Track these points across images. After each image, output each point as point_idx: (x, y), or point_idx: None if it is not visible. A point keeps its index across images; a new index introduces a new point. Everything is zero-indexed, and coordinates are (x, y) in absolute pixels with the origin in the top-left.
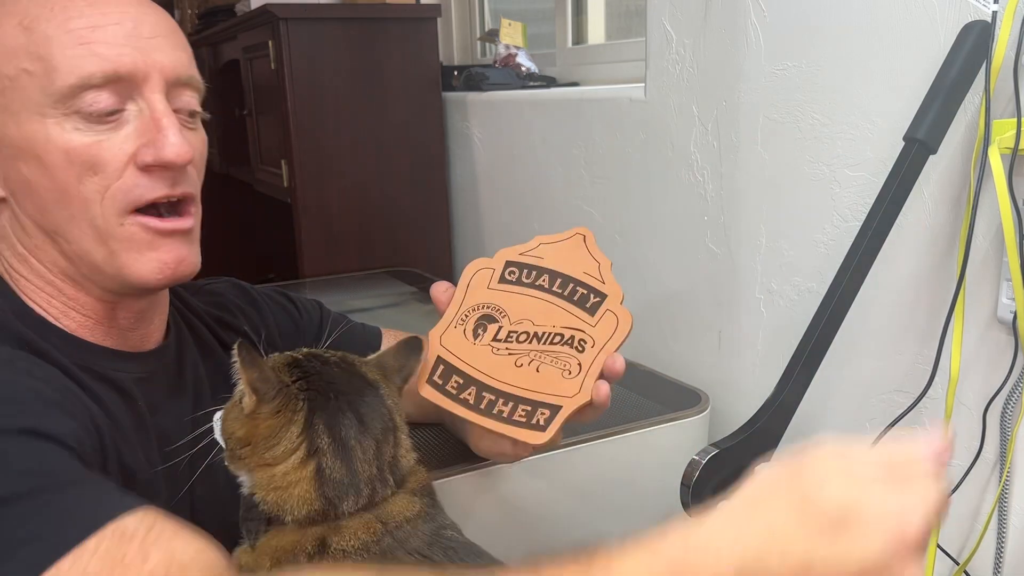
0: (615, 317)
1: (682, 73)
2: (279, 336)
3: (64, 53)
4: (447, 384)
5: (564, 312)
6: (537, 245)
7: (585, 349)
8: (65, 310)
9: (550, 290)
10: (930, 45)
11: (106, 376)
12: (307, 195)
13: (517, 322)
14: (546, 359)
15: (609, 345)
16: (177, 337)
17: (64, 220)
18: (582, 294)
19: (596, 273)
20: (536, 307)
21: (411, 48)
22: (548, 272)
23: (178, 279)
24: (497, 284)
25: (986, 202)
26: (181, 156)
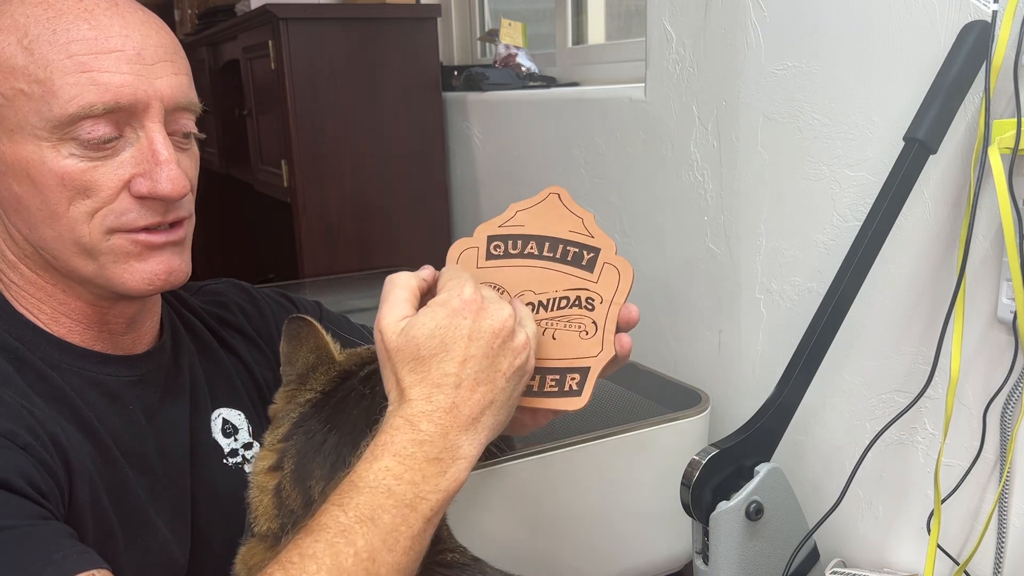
0: (615, 268)
1: (682, 73)
2: (278, 334)
3: (65, 80)
4: None
5: (562, 275)
6: (514, 214)
7: (595, 306)
8: (55, 315)
9: (541, 256)
10: (930, 45)
11: (96, 381)
12: (307, 195)
13: (518, 296)
14: (559, 325)
15: (617, 297)
16: (172, 338)
17: (51, 238)
18: (575, 253)
19: (582, 229)
20: (532, 276)
21: (411, 48)
22: (534, 238)
23: (169, 288)
24: (485, 262)
25: (986, 202)
26: (177, 191)
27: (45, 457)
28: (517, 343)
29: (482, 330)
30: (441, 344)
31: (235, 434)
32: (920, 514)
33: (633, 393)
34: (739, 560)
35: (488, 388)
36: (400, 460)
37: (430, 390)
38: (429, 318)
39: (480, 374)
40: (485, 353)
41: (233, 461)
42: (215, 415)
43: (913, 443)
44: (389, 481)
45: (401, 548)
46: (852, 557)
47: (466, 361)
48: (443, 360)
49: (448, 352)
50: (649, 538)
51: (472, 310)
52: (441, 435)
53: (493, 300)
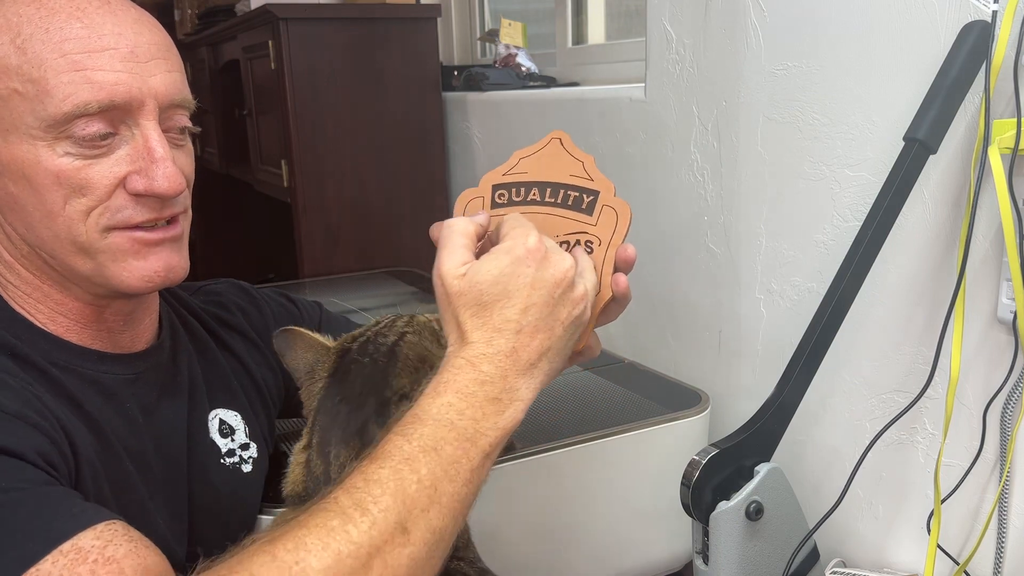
0: (613, 210)
1: (682, 73)
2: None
3: (58, 79)
4: None
5: (563, 219)
6: (517, 161)
7: (594, 249)
8: (52, 315)
9: (543, 202)
10: (930, 45)
11: (93, 379)
12: (307, 195)
13: None
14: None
15: (615, 239)
16: (171, 337)
17: (48, 238)
18: (575, 197)
19: (582, 172)
20: (536, 222)
21: (411, 48)
22: (536, 185)
23: (167, 285)
24: (490, 211)
25: (986, 202)
26: (174, 188)
27: (55, 437)
28: (576, 294)
29: (544, 279)
30: (504, 291)
31: (232, 435)
32: (920, 514)
33: (633, 393)
34: (739, 560)
35: (547, 335)
36: (462, 397)
37: (491, 334)
38: (494, 264)
39: (540, 321)
40: (546, 301)
41: (230, 461)
42: (212, 415)
43: (913, 443)
44: (452, 415)
45: (462, 479)
46: (852, 557)
47: (528, 308)
48: (505, 306)
49: (511, 299)
50: (649, 538)
51: (536, 259)
52: (501, 376)
53: (555, 250)
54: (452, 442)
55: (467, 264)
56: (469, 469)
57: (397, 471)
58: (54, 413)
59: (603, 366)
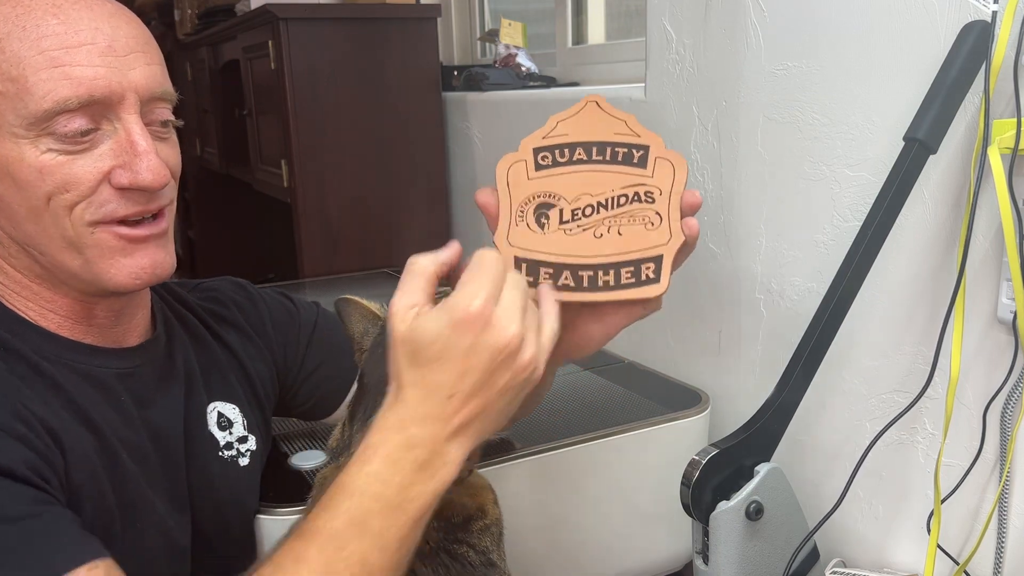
0: (668, 162)
1: (682, 73)
2: (273, 332)
3: (37, 76)
4: (538, 279)
5: (616, 175)
6: (555, 124)
7: (655, 199)
8: (43, 312)
9: (591, 160)
10: (930, 45)
11: (86, 372)
12: (307, 195)
13: (575, 200)
14: (623, 221)
15: (676, 187)
16: (166, 331)
17: (36, 234)
18: (624, 153)
19: (626, 130)
20: (586, 180)
21: (411, 48)
22: (580, 145)
23: (155, 281)
24: (535, 173)
25: (986, 202)
26: (158, 180)
27: (41, 447)
28: (521, 361)
29: (484, 346)
30: (440, 352)
31: (230, 428)
32: (920, 514)
33: (633, 393)
34: (739, 560)
35: (481, 401)
36: (389, 464)
37: (424, 394)
38: (434, 322)
39: (475, 388)
40: (484, 368)
41: (228, 455)
42: (211, 408)
43: (913, 443)
44: (377, 486)
45: (391, 548)
46: (852, 557)
47: (463, 375)
48: (440, 369)
49: (446, 363)
50: (649, 538)
51: (478, 325)
52: (431, 440)
53: (505, 313)
54: (379, 514)
55: (415, 308)
56: (398, 538)
57: (323, 550)
58: (41, 417)
59: (603, 366)
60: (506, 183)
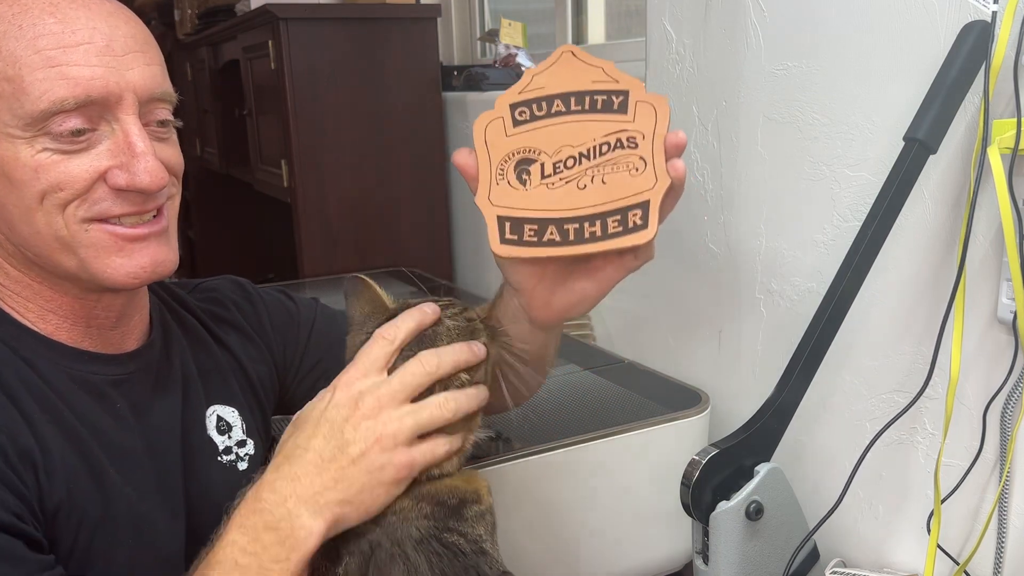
0: (649, 105)
1: (682, 73)
2: (272, 332)
3: (34, 76)
4: (523, 236)
5: (596, 123)
6: (531, 78)
7: (639, 143)
8: (42, 313)
9: (570, 111)
10: (930, 45)
11: (82, 379)
12: (307, 195)
13: (556, 152)
14: (606, 169)
15: (659, 129)
16: (163, 334)
17: (30, 235)
18: (604, 100)
19: (603, 76)
20: (566, 131)
21: (411, 48)
22: (558, 96)
23: (157, 279)
24: (514, 129)
25: (986, 202)
26: (155, 183)
27: (12, 479)
28: (374, 432)
29: (333, 406)
30: (310, 419)
31: (229, 432)
32: (920, 514)
33: (633, 393)
34: (739, 560)
35: (336, 466)
36: (243, 531)
37: (281, 460)
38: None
39: (330, 451)
40: (338, 431)
41: (227, 459)
42: (209, 412)
43: (913, 443)
44: (235, 554)
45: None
46: (852, 557)
47: (324, 436)
48: (303, 433)
49: (303, 425)
50: (649, 538)
51: (332, 390)
52: (280, 503)
53: (366, 387)
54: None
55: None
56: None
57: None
58: (15, 437)
59: (603, 366)
60: (484, 142)
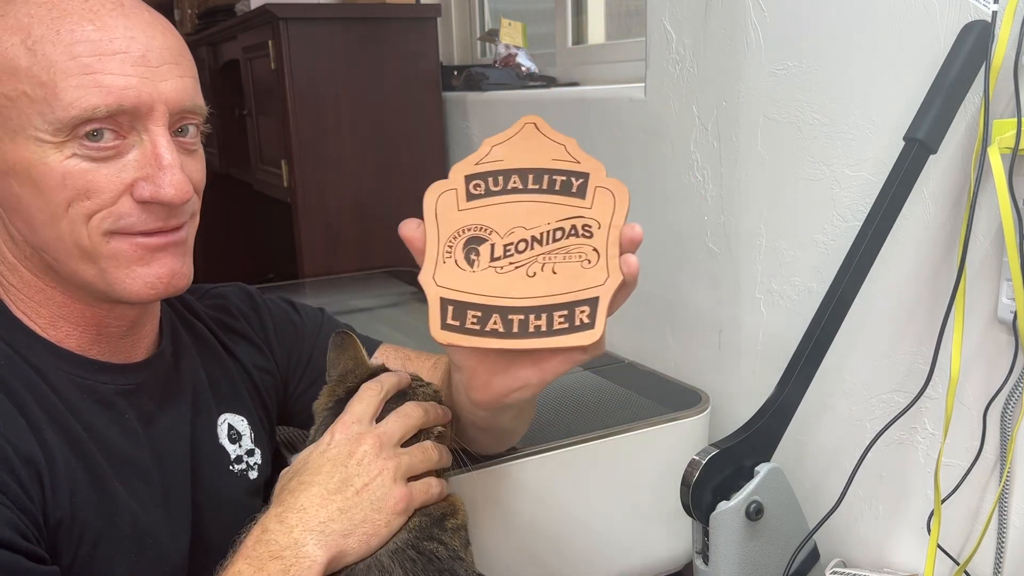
0: (608, 191)
1: (682, 73)
2: (277, 343)
3: (68, 82)
4: (465, 322)
5: (553, 205)
6: (490, 149)
7: (594, 233)
8: (54, 319)
9: (526, 189)
10: (930, 45)
11: (91, 388)
12: (307, 195)
13: (508, 233)
14: (557, 258)
15: (616, 219)
16: (173, 343)
17: (52, 240)
18: (563, 181)
19: (565, 155)
20: (520, 211)
21: (411, 48)
22: (516, 172)
23: (171, 293)
24: (467, 203)
25: (986, 202)
26: (180, 196)
27: (16, 491)
28: (376, 468)
29: (338, 444)
30: (310, 460)
31: (239, 440)
32: (920, 514)
33: (633, 393)
34: (739, 560)
35: (341, 497)
36: (249, 561)
37: (286, 495)
38: (311, 449)
39: (335, 484)
40: (342, 466)
41: (238, 468)
42: (220, 420)
43: (913, 443)
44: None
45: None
46: (852, 557)
47: (329, 472)
48: (306, 471)
49: (311, 466)
50: (649, 538)
51: (338, 430)
52: (286, 532)
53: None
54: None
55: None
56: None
57: None
58: (20, 449)
59: (603, 366)
60: (434, 214)
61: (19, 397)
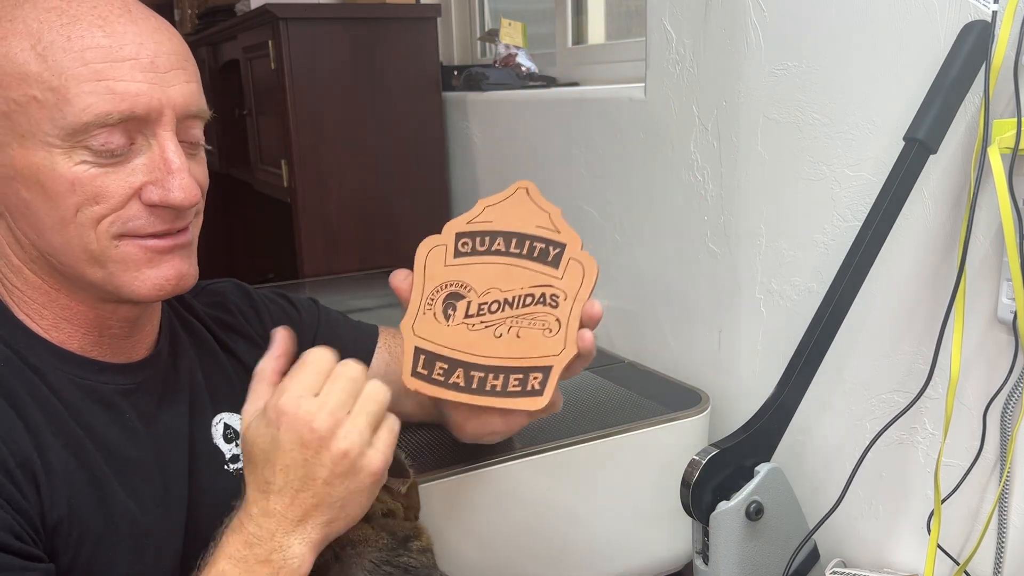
0: (579, 264)
1: (682, 73)
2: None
3: (80, 88)
4: (432, 373)
5: (528, 271)
6: (483, 210)
7: (559, 304)
8: (57, 321)
9: (508, 252)
10: (930, 45)
11: (92, 389)
12: (307, 195)
13: (484, 293)
14: (524, 323)
15: (581, 293)
16: (171, 343)
17: (60, 245)
18: (541, 249)
19: (549, 224)
20: (499, 273)
21: (411, 48)
22: (501, 234)
23: (178, 293)
24: (453, 260)
25: (986, 202)
26: (189, 200)
27: (14, 493)
28: (335, 452)
29: (290, 440)
30: (263, 450)
31: (236, 439)
32: (920, 514)
33: (633, 393)
34: (739, 560)
35: (311, 494)
36: (235, 563)
37: (257, 493)
38: (255, 424)
39: (300, 481)
40: (299, 461)
41: (235, 467)
42: (216, 420)
43: (913, 443)
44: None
45: None
46: (852, 557)
47: (284, 469)
48: (264, 466)
49: (268, 460)
50: (649, 538)
51: (284, 421)
52: (268, 537)
53: (314, 406)
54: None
55: (255, 411)
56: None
57: None
58: (16, 449)
59: (603, 366)
60: (423, 267)
61: (18, 399)
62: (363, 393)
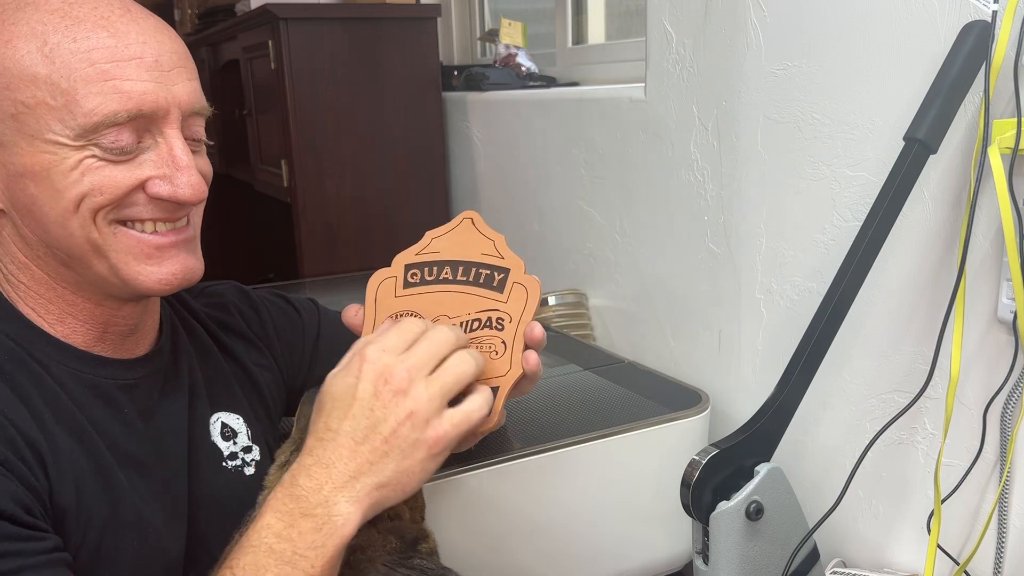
0: (523, 287)
1: (682, 73)
2: (277, 340)
3: (88, 89)
4: None
5: (475, 297)
6: (430, 241)
7: (504, 326)
8: (62, 316)
9: (455, 280)
10: (930, 45)
11: (93, 383)
12: (307, 195)
13: (434, 320)
14: (471, 346)
15: (524, 316)
16: (172, 341)
17: (64, 237)
18: (486, 275)
19: (493, 251)
20: (447, 301)
21: (411, 48)
22: (448, 264)
23: (185, 287)
24: (403, 290)
25: (986, 202)
26: (196, 196)
27: (24, 471)
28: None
29: (365, 382)
30: (334, 396)
31: (234, 438)
32: (920, 514)
33: (633, 393)
34: (739, 560)
35: (369, 447)
36: (280, 516)
37: (314, 442)
38: (339, 371)
39: (364, 431)
40: (367, 412)
41: (232, 464)
42: (214, 419)
43: (913, 443)
44: (270, 539)
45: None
46: (852, 557)
47: (349, 416)
48: (330, 413)
49: (336, 406)
50: (649, 538)
51: (360, 366)
52: (316, 489)
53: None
54: (272, 568)
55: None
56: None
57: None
58: (26, 434)
59: (603, 366)
60: (374, 299)
61: (23, 389)
62: (446, 363)
